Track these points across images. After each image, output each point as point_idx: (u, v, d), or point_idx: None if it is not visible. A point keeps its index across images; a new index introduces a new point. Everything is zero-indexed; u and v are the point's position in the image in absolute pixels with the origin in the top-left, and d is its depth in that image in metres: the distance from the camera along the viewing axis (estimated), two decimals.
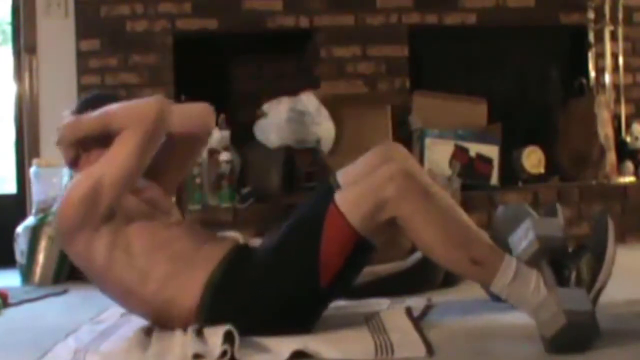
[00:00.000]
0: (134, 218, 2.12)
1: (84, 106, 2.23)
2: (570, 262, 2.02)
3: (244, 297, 2.04)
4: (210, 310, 2.03)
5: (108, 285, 2.14)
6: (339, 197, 2.04)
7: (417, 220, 1.99)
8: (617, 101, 4.28)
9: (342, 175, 2.18)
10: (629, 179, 4.07)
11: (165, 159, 2.28)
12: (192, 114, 2.36)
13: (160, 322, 2.12)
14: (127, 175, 2.10)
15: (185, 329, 2.03)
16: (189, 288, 2.04)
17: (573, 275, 2.00)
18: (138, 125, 2.09)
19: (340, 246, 2.01)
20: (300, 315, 2.07)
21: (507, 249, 2.03)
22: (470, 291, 2.63)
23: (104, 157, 2.11)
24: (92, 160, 2.15)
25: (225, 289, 2.04)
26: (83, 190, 2.08)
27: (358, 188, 2.05)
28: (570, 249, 2.08)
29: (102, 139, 2.13)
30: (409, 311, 2.26)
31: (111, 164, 2.09)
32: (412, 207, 1.99)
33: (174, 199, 3.30)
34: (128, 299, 2.13)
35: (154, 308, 2.09)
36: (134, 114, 2.12)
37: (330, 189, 2.11)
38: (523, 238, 2.01)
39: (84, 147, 2.19)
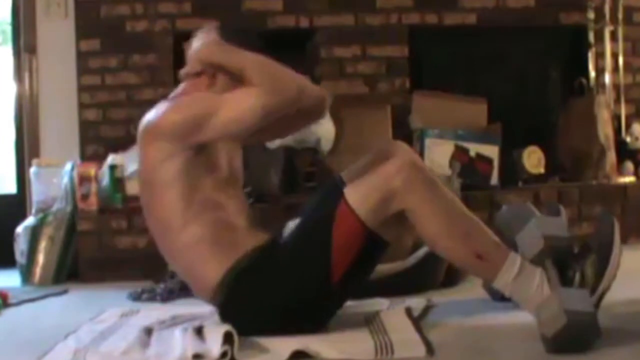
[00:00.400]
0: (214, 169, 2.11)
1: (231, 38, 2.19)
2: (575, 262, 2.02)
3: (260, 291, 2.05)
4: (228, 294, 2.04)
5: (154, 206, 2.12)
6: (347, 192, 2.05)
7: (424, 211, 2.01)
8: (617, 101, 4.28)
9: (347, 174, 2.19)
10: (629, 179, 4.07)
11: (272, 123, 2.20)
12: (314, 95, 2.24)
13: (181, 273, 2.17)
14: (239, 126, 2.07)
15: (202, 298, 2.09)
16: (211, 265, 2.05)
17: (577, 276, 2.00)
18: (275, 93, 2.05)
19: (350, 241, 2.02)
20: (313, 313, 2.07)
21: (511, 247, 2.03)
22: (470, 291, 2.63)
23: (230, 94, 2.08)
24: (214, 86, 2.14)
25: (245, 279, 2.04)
26: (199, 110, 2.06)
27: (366, 182, 2.05)
28: (575, 250, 2.08)
29: (234, 76, 2.11)
30: (409, 311, 2.26)
31: (232, 106, 2.05)
32: (419, 198, 2.00)
33: None
34: (162, 236, 2.13)
35: (179, 257, 2.11)
36: (277, 80, 2.08)
37: (338, 185, 2.11)
38: (529, 237, 2.01)
39: (213, 69, 2.16)
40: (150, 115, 2.13)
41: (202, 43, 2.18)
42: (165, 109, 2.11)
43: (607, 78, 4.28)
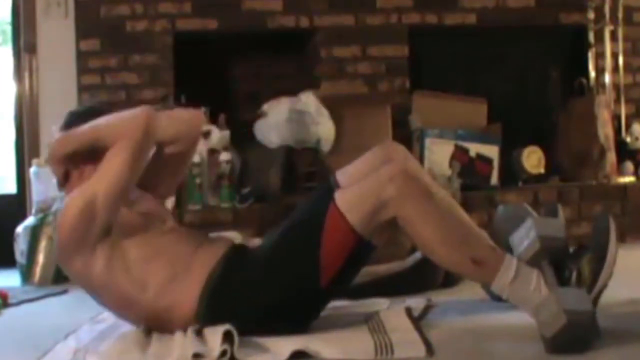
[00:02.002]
0: (129, 231, 2.10)
1: (73, 120, 2.21)
2: (571, 262, 2.02)
3: (242, 298, 2.04)
4: (209, 313, 2.03)
5: (108, 298, 2.13)
6: (339, 197, 2.04)
7: (417, 221, 1.99)
8: (617, 101, 4.29)
9: (342, 176, 2.18)
10: (629, 179, 4.07)
11: (158, 167, 2.28)
12: (180, 120, 2.32)
13: (161, 328, 2.11)
14: (119, 190, 2.07)
15: (185, 330, 2.03)
16: (186, 292, 2.04)
17: (574, 275, 2.00)
18: (127, 137, 2.06)
19: (340, 246, 2.01)
20: (298, 315, 2.07)
21: (507, 249, 2.03)
22: (470, 291, 2.63)
23: (95, 174, 2.08)
24: (86, 176, 2.12)
25: (222, 290, 2.04)
26: (78, 210, 2.05)
27: (358, 188, 2.05)
28: (571, 249, 2.08)
29: (93, 154, 2.11)
30: (409, 311, 2.26)
31: (102, 180, 2.06)
32: (413, 208, 1.99)
33: (173, 199, 3.27)
34: (129, 309, 2.12)
35: (154, 315, 2.08)
36: (121, 126, 2.10)
37: (330, 189, 2.10)
38: (524, 238, 2.01)
39: (74, 163, 2.16)
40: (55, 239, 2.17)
41: (50, 148, 2.18)
42: (58, 229, 2.11)
43: (607, 78, 4.28)
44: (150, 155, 2.20)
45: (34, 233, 3.51)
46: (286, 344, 1.90)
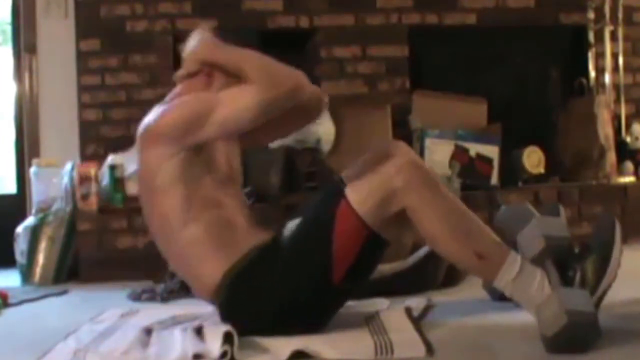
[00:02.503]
0: (213, 169, 2.11)
1: (227, 36, 2.18)
2: (575, 262, 2.02)
3: (260, 290, 2.04)
4: (229, 293, 2.04)
5: (152, 210, 2.13)
6: (348, 192, 2.05)
7: (424, 210, 2.01)
8: (617, 101, 4.29)
9: (347, 174, 2.19)
10: (629, 179, 4.07)
11: (270, 122, 2.19)
12: (311, 92, 2.23)
13: (181, 273, 2.16)
14: (236, 124, 2.07)
15: (202, 298, 2.09)
16: (216, 262, 2.05)
17: (578, 276, 2.00)
18: (272, 88, 2.05)
19: (351, 240, 2.02)
20: (312, 313, 2.07)
21: (511, 247, 2.03)
22: (470, 291, 2.63)
23: (227, 92, 2.08)
24: (211, 87, 2.14)
25: (246, 277, 2.04)
26: (197, 109, 2.06)
27: (367, 182, 2.05)
28: (576, 250, 2.08)
29: (228, 73, 2.12)
30: (409, 311, 2.26)
31: (230, 104, 2.05)
32: (420, 198, 2.01)
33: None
34: (161, 230, 2.12)
35: (179, 257, 2.11)
36: (273, 75, 2.07)
37: (338, 185, 2.11)
38: (529, 237, 2.01)
39: (209, 70, 2.16)
40: (149, 119, 2.13)
41: (198, 43, 2.17)
42: (163, 111, 2.11)
43: (607, 78, 4.28)
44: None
45: (34, 233, 3.52)
46: (286, 344, 1.90)
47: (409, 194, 2.01)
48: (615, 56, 4.29)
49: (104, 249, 3.49)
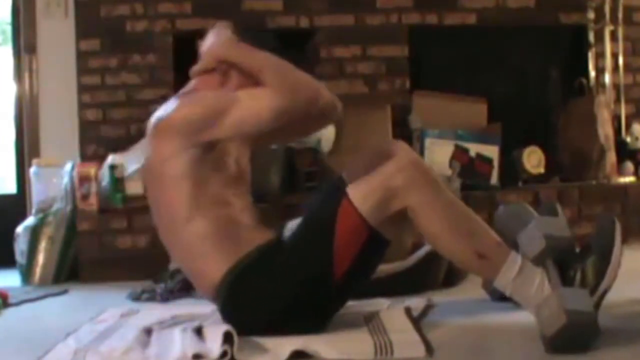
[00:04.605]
0: (222, 167, 2.10)
1: (246, 37, 2.20)
2: (576, 262, 2.02)
3: (262, 290, 2.04)
4: (229, 292, 2.04)
5: (161, 200, 2.12)
6: (350, 191, 2.05)
7: (425, 210, 2.01)
8: (617, 101, 4.28)
9: (348, 173, 2.19)
10: (629, 179, 4.07)
11: (282, 126, 2.19)
12: (327, 100, 2.22)
13: (184, 268, 2.16)
14: (251, 126, 2.08)
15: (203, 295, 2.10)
16: (218, 259, 2.05)
17: (578, 276, 2.00)
18: (290, 96, 2.06)
19: (353, 239, 2.02)
20: (313, 312, 2.07)
21: (512, 247, 2.03)
22: (470, 291, 2.63)
23: (244, 94, 2.08)
24: (227, 86, 2.14)
25: (247, 276, 2.04)
26: (213, 107, 2.06)
27: (368, 181, 2.06)
28: (576, 250, 2.08)
29: (245, 74, 2.12)
30: (409, 311, 2.26)
31: (246, 106, 2.06)
32: (421, 196, 2.01)
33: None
34: (165, 220, 2.12)
35: (183, 252, 2.11)
36: (293, 84, 2.09)
37: (340, 184, 2.11)
38: (530, 236, 2.01)
39: (226, 68, 2.16)
40: (163, 111, 2.13)
41: (217, 40, 2.17)
42: (178, 105, 2.11)
43: (607, 78, 4.28)
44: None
45: (34, 233, 3.52)
46: (286, 344, 1.90)
47: (410, 193, 2.01)
48: (615, 56, 4.29)
49: (104, 249, 3.49)
